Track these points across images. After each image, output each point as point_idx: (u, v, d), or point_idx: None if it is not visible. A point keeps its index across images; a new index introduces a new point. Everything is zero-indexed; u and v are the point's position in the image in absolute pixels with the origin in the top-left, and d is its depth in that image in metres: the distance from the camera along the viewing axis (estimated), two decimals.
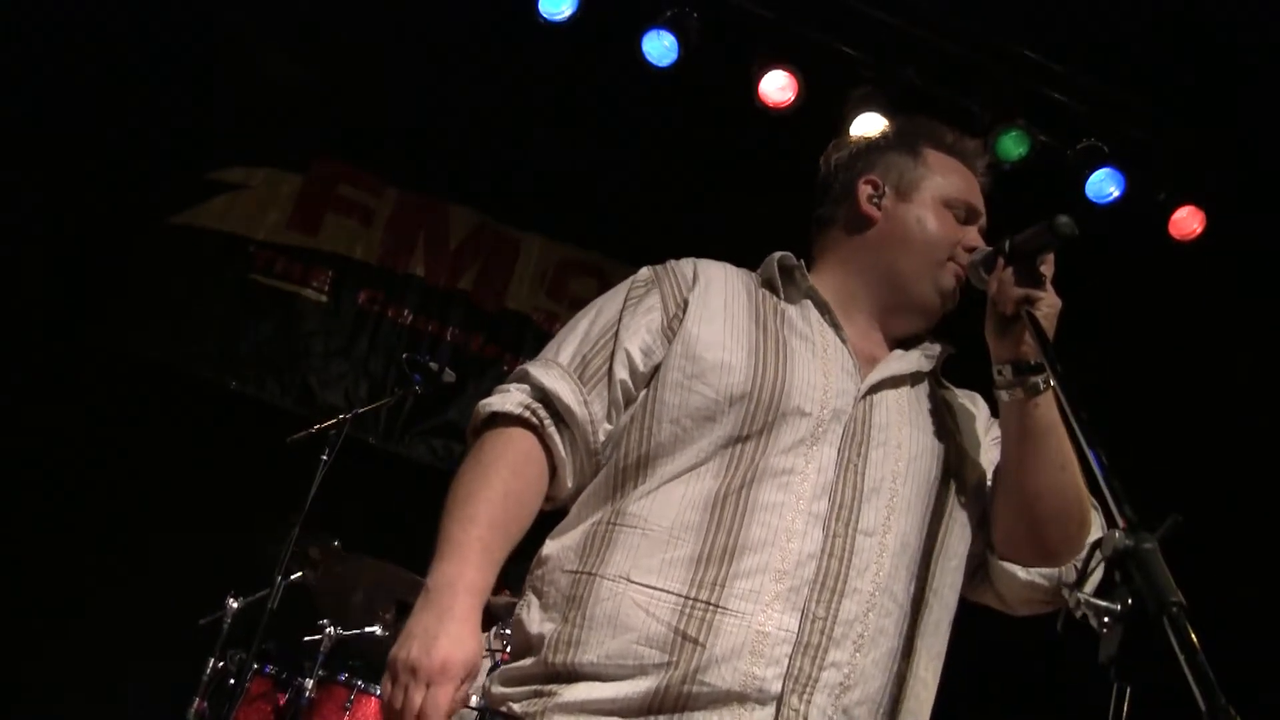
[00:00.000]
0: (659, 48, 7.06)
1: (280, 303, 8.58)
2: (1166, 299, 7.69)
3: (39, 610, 7.28)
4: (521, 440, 2.43)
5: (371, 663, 6.19)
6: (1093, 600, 1.70)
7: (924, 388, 2.56)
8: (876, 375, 2.47)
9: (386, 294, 8.79)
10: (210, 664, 5.79)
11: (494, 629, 6.62)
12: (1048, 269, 2.37)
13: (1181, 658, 1.52)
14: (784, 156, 7.53)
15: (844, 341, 2.51)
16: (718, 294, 2.57)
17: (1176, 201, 7.24)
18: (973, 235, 2.61)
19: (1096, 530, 2.39)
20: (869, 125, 7.10)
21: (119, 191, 8.17)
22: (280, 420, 7.48)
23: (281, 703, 5.81)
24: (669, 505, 2.29)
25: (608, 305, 2.62)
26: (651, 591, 2.20)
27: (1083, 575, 1.80)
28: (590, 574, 2.27)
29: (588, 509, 2.42)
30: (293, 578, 5.92)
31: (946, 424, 2.52)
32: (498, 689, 2.31)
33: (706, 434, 2.35)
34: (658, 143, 8.19)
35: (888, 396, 2.47)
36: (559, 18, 7.02)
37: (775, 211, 8.17)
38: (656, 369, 2.46)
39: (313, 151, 8.90)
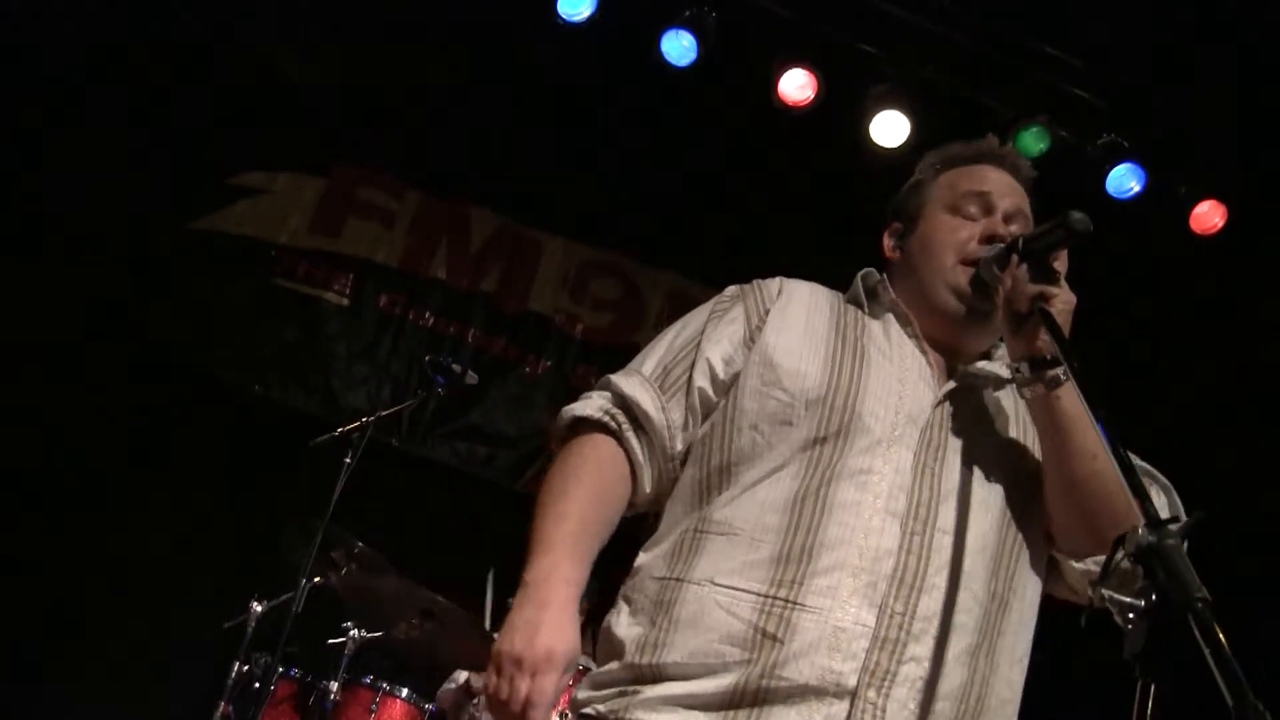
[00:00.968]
0: (678, 48, 7.06)
1: (303, 306, 8.60)
2: (1188, 294, 7.66)
3: (63, 614, 7.31)
4: (603, 444, 2.52)
5: (396, 664, 6.20)
6: (1116, 596, 1.70)
7: (1006, 394, 2.56)
8: (953, 383, 2.50)
9: (408, 297, 8.81)
10: (235, 667, 5.80)
11: None
12: (1061, 265, 2.37)
13: (1207, 653, 1.52)
14: (804, 155, 7.56)
15: (924, 352, 2.55)
16: (799, 306, 2.62)
17: (1198, 196, 7.21)
18: (987, 225, 2.59)
19: (1161, 510, 2.37)
20: (888, 125, 7.11)
21: (141, 196, 8.19)
22: (303, 424, 7.50)
23: (307, 705, 5.83)
24: (751, 509, 2.34)
25: (693, 319, 2.68)
26: (733, 592, 2.25)
27: (1105, 571, 1.79)
28: (678, 579, 2.32)
29: (675, 518, 2.48)
30: (317, 581, 5.92)
31: (1027, 428, 2.52)
32: (583, 694, 2.36)
33: (784, 438, 2.40)
34: (677, 143, 8.18)
35: (967, 402, 2.49)
36: (577, 18, 7.03)
37: (796, 209, 8.23)
38: (737, 378, 2.53)
39: (333, 155, 8.92)
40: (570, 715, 2.47)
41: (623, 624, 2.38)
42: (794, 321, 2.57)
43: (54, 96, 7.73)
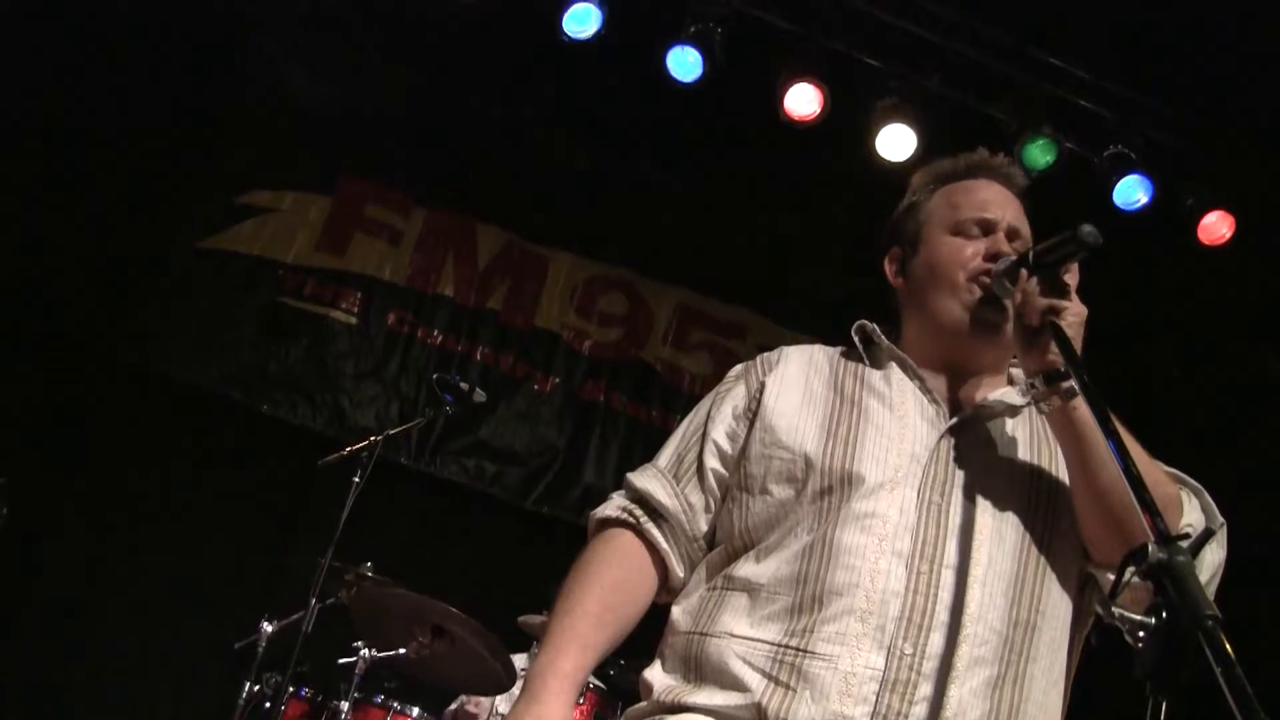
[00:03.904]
0: (684, 63, 7.06)
1: (310, 325, 8.61)
2: (1197, 304, 7.66)
3: (72, 635, 7.31)
4: (620, 537, 2.65)
5: (407, 684, 6.20)
6: (1127, 614, 1.69)
7: (1022, 419, 2.55)
8: (960, 415, 2.50)
9: (416, 314, 8.82)
10: (246, 687, 5.80)
11: (532, 649, 6.64)
12: (1072, 278, 2.35)
13: (1217, 671, 1.51)
14: (811, 169, 7.56)
15: (926, 391, 2.55)
16: (797, 369, 2.68)
17: (1205, 207, 7.20)
18: (990, 243, 2.57)
19: (1191, 511, 2.38)
20: (894, 138, 7.10)
21: (148, 215, 8.22)
22: (312, 442, 7.52)
23: None
24: (768, 565, 2.40)
25: (703, 405, 2.79)
26: (750, 643, 2.31)
27: (1115, 588, 1.78)
28: (702, 634, 2.40)
29: (701, 578, 2.57)
30: (327, 600, 5.92)
31: (1044, 451, 2.51)
32: None
33: (794, 496, 2.45)
34: (684, 158, 8.19)
35: (975, 435, 2.49)
36: (583, 35, 7.03)
37: (803, 223, 8.23)
38: (744, 449, 2.61)
39: (340, 174, 8.94)
40: None
41: (656, 673, 2.48)
42: (792, 385, 2.64)
43: (59, 114, 7.75)
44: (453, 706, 6.53)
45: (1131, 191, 7.14)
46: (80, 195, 7.89)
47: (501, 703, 6.28)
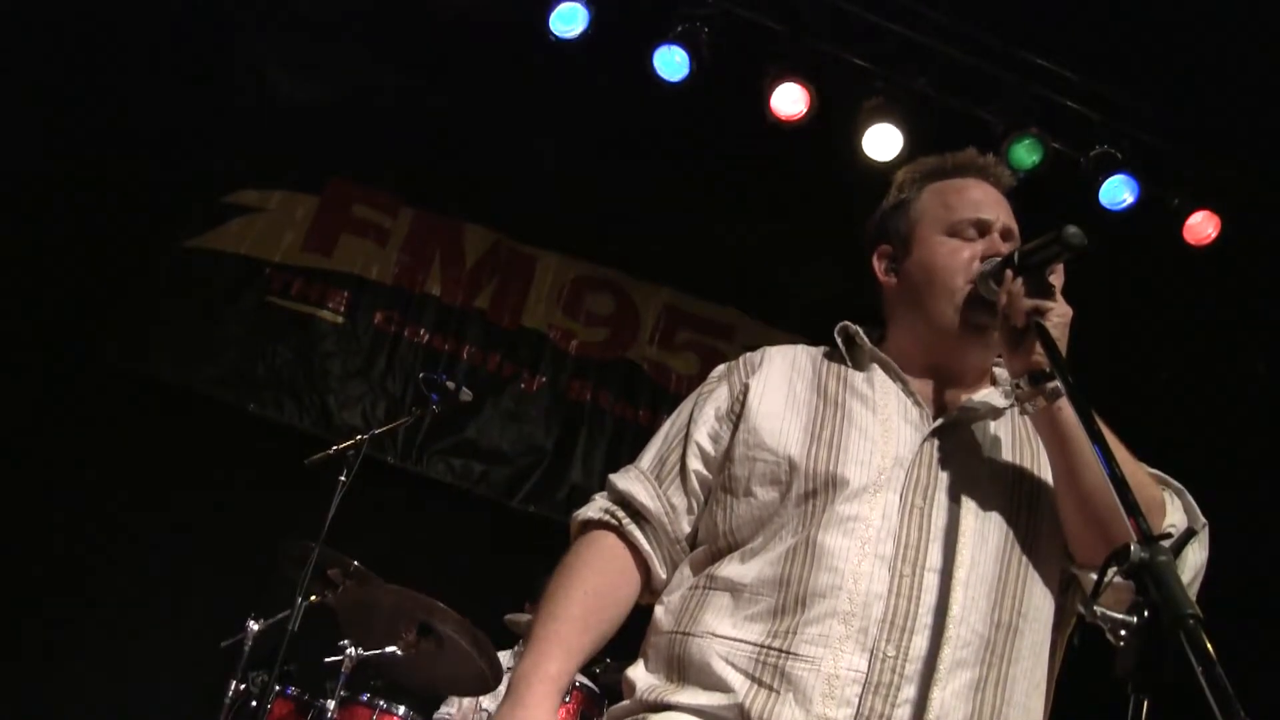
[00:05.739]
0: (670, 63, 7.06)
1: (297, 324, 8.61)
2: (1182, 304, 7.67)
3: (58, 633, 7.30)
4: (603, 539, 2.66)
5: (393, 683, 6.19)
6: (1109, 613, 1.70)
7: (1004, 421, 2.56)
8: (943, 418, 2.50)
9: (403, 314, 8.82)
10: (232, 686, 5.78)
11: (516, 647, 6.64)
12: (1057, 279, 2.35)
13: (1198, 670, 1.51)
14: (797, 169, 7.56)
15: (909, 393, 2.55)
16: (780, 371, 2.69)
17: (1190, 207, 7.22)
18: (986, 245, 2.57)
19: (1174, 512, 2.39)
20: (881, 138, 7.11)
21: (135, 215, 8.20)
22: (299, 442, 7.50)
23: None
24: (751, 566, 2.41)
25: (685, 406, 2.80)
26: (732, 643, 2.32)
27: (1097, 588, 1.78)
28: (685, 634, 2.41)
29: (684, 577, 2.58)
30: (313, 599, 5.91)
31: (1027, 452, 2.52)
32: None
33: (778, 498, 2.46)
34: (670, 157, 8.18)
35: (958, 437, 2.49)
36: (570, 35, 7.04)
37: (789, 223, 8.23)
38: (728, 451, 2.61)
39: (327, 173, 8.93)
40: None
41: (639, 672, 2.48)
42: (775, 387, 2.64)
43: (46, 115, 7.73)
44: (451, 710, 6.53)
45: (1117, 191, 7.16)
46: (67, 195, 7.87)
47: (487, 701, 6.28)
